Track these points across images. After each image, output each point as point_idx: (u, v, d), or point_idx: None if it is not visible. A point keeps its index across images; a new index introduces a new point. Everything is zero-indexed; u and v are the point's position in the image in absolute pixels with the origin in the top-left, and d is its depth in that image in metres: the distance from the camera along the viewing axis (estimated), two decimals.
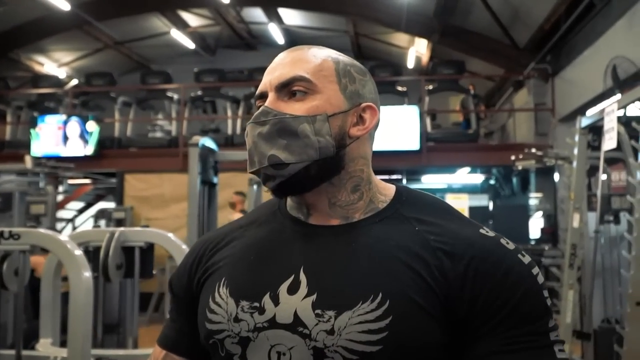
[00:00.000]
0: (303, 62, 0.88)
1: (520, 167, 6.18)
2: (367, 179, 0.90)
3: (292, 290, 0.82)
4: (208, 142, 5.13)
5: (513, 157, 6.03)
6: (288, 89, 0.86)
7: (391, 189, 0.92)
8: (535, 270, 0.81)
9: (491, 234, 0.85)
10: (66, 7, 9.45)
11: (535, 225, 8.80)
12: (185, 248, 2.61)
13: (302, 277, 0.83)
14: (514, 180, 9.86)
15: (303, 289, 0.82)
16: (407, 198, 0.91)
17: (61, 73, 12.47)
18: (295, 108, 0.85)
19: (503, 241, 0.83)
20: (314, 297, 0.80)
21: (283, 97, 0.86)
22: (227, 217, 7.12)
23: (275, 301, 0.82)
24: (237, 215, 7.07)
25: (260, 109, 0.86)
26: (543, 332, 0.78)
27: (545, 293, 0.81)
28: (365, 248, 0.84)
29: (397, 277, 0.80)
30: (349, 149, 0.87)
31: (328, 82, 0.87)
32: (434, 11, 9.11)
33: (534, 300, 0.78)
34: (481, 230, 0.85)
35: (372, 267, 0.81)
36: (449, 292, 0.79)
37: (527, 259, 0.82)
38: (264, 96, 0.89)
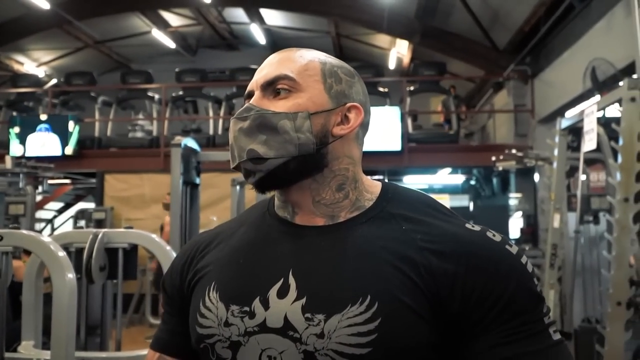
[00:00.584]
0: (289, 62, 0.89)
1: (500, 168, 6.23)
2: (353, 178, 0.90)
3: (282, 293, 0.82)
4: (190, 143, 5.09)
5: (493, 158, 6.09)
6: (273, 87, 0.87)
7: (377, 187, 0.92)
8: (524, 259, 0.82)
9: (477, 227, 0.85)
10: (46, 5, 9.31)
11: (515, 226, 8.89)
12: (169, 249, 2.58)
13: (292, 280, 0.83)
14: (494, 180, 9.96)
15: (292, 292, 0.82)
16: (393, 195, 0.91)
17: (40, 72, 12.29)
18: (278, 105, 0.86)
19: (489, 234, 0.84)
20: (304, 300, 0.81)
21: (268, 96, 0.88)
22: (208, 217, 7.10)
23: (265, 305, 0.82)
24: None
25: (244, 107, 0.88)
26: (538, 319, 0.79)
27: (535, 280, 0.82)
28: (352, 250, 0.84)
29: (385, 278, 0.80)
30: (331, 147, 0.88)
31: (313, 81, 0.88)
32: (415, 12, 9.16)
33: (527, 290, 0.79)
34: (467, 225, 0.85)
35: (360, 269, 0.81)
36: (438, 291, 0.79)
37: (514, 249, 0.82)
38: (251, 95, 0.90)
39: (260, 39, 12.42)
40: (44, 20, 10.12)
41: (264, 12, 11.43)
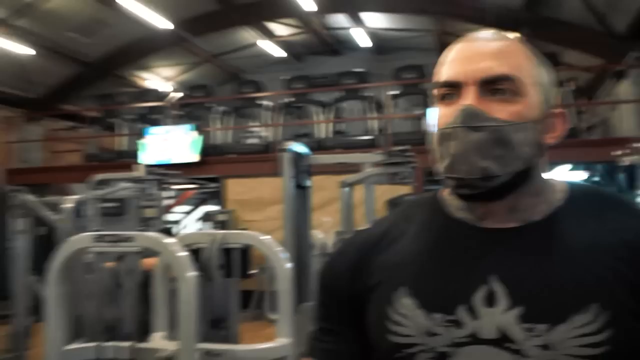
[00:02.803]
0: (508, 57, 0.80)
1: (627, 163, 5.85)
2: (545, 181, 0.85)
3: (489, 301, 0.77)
4: (298, 147, 5.25)
5: (617, 152, 5.73)
6: (492, 86, 0.78)
7: (562, 185, 0.87)
8: None
9: None
10: (169, 26, 10.05)
11: None
12: (278, 249, 2.69)
13: (498, 287, 0.77)
14: (620, 177, 9.31)
15: (502, 300, 0.76)
16: (584, 194, 0.86)
17: (167, 87, 13.19)
18: (499, 110, 0.78)
19: None
20: (520, 309, 0.75)
21: (484, 94, 0.78)
22: (319, 219, 7.25)
23: (472, 314, 0.77)
24: None
25: (466, 109, 0.78)
26: None
27: None
28: (560, 251, 0.78)
29: (605, 281, 0.75)
30: (542, 157, 0.83)
31: (530, 84, 0.80)
32: (522, 3, 8.83)
33: None
34: None
35: (577, 272, 0.76)
36: None
37: None
38: (455, 85, 0.80)
39: (364, 42, 12.51)
40: (163, 39, 10.90)
41: (365, 15, 11.51)
